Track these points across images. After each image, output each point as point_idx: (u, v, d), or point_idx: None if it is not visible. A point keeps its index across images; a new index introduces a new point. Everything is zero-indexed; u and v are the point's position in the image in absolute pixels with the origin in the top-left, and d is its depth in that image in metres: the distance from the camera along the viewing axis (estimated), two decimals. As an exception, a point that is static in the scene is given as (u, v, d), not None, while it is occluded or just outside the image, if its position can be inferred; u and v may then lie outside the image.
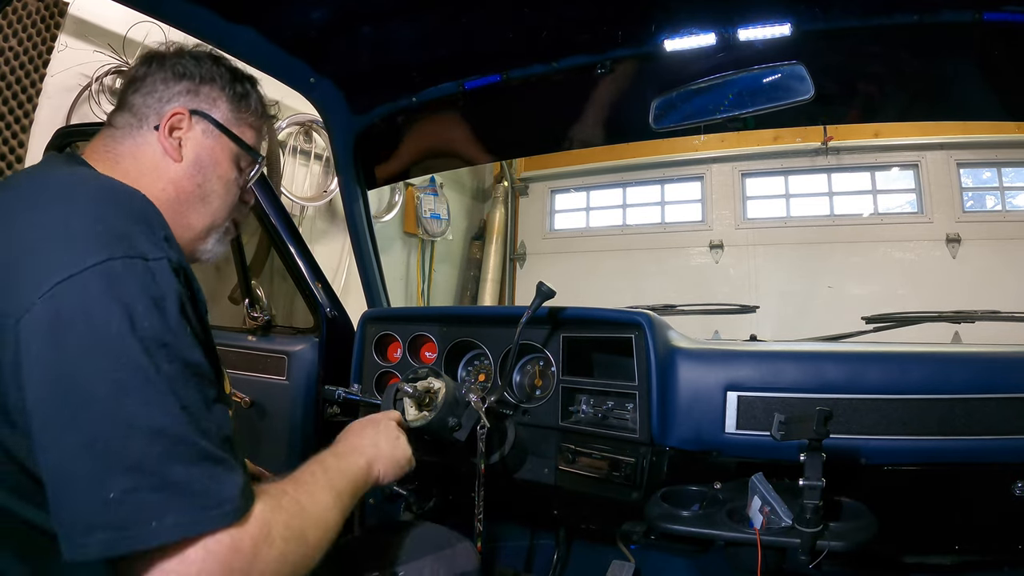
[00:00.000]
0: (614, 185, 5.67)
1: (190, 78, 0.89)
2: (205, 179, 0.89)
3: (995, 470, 1.11)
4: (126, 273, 0.62)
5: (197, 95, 0.89)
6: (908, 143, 4.56)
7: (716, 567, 1.58)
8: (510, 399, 1.43)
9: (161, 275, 0.65)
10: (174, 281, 0.66)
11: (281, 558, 0.65)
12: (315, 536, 0.71)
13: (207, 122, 0.89)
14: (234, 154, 0.92)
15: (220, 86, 0.91)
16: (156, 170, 0.86)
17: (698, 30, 1.43)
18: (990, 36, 1.29)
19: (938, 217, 4.47)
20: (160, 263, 0.65)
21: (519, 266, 5.91)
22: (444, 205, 5.28)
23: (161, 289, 0.64)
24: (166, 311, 0.63)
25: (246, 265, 1.86)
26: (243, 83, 0.94)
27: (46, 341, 0.59)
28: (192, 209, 0.89)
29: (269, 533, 0.64)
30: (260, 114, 0.96)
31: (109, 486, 0.57)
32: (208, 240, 0.93)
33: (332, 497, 0.78)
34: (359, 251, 1.97)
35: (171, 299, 0.64)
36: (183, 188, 0.87)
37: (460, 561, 1.16)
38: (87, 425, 0.57)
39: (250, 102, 0.94)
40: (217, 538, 0.59)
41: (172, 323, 0.64)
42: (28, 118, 2.55)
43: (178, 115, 0.87)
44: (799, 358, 1.23)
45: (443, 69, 1.67)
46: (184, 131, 0.87)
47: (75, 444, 0.57)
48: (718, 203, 5.18)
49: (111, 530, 0.56)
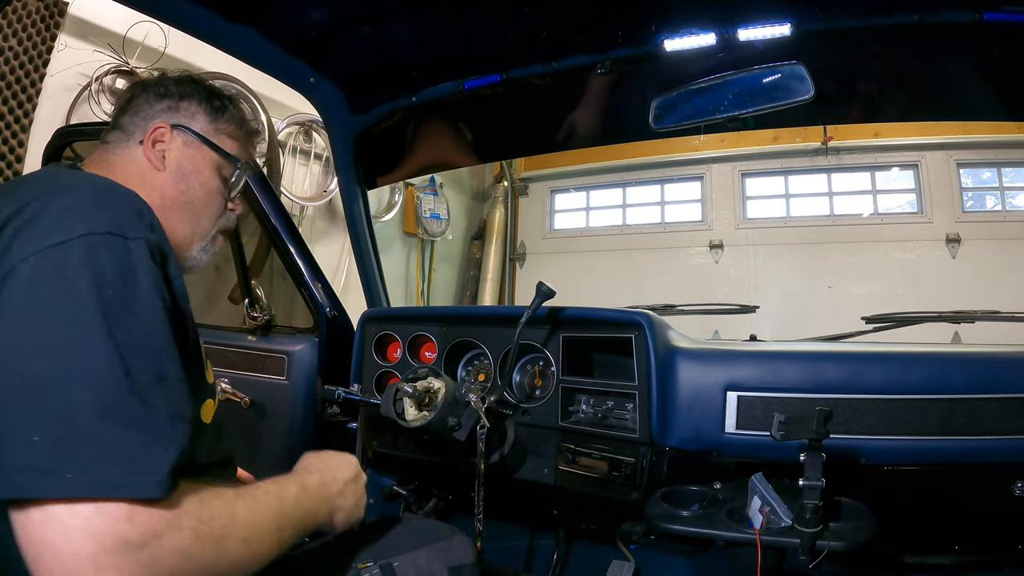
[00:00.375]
0: (614, 185, 5.67)
1: (171, 97, 0.98)
2: (188, 186, 0.96)
3: (995, 470, 1.11)
4: (104, 245, 0.67)
5: (177, 111, 0.97)
6: (908, 143, 4.56)
7: (716, 567, 1.58)
8: (510, 399, 1.43)
9: (137, 252, 0.69)
10: (148, 260, 0.70)
11: (186, 551, 0.62)
12: (235, 549, 0.68)
13: (187, 134, 0.97)
14: (215, 163, 0.99)
15: (198, 101, 0.99)
16: (143, 178, 0.93)
17: (698, 30, 1.42)
18: (990, 36, 1.29)
19: (938, 217, 4.47)
20: (138, 242, 0.70)
21: (519, 266, 5.91)
22: (444, 205, 5.28)
23: (133, 264, 0.68)
24: (135, 284, 0.67)
25: (246, 265, 1.86)
26: (220, 99, 1.01)
27: (20, 293, 0.63)
28: (176, 215, 0.95)
29: (179, 521, 0.62)
30: (239, 125, 1.03)
31: (38, 429, 0.59)
32: (192, 247, 0.99)
33: (275, 524, 0.76)
34: (359, 251, 1.97)
35: (142, 275, 0.69)
36: (167, 195, 0.94)
37: (456, 553, 1.17)
38: (34, 368, 0.60)
39: (227, 115, 1.01)
40: (118, 504, 0.59)
41: (138, 296, 0.67)
42: (28, 118, 2.55)
43: (160, 129, 0.95)
44: (799, 358, 1.23)
45: (443, 69, 1.67)
46: (167, 143, 0.95)
47: (18, 385, 0.60)
48: (718, 203, 5.18)
49: (30, 472, 0.58)
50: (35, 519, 0.58)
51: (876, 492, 1.13)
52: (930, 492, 1.18)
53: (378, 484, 1.74)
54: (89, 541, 0.57)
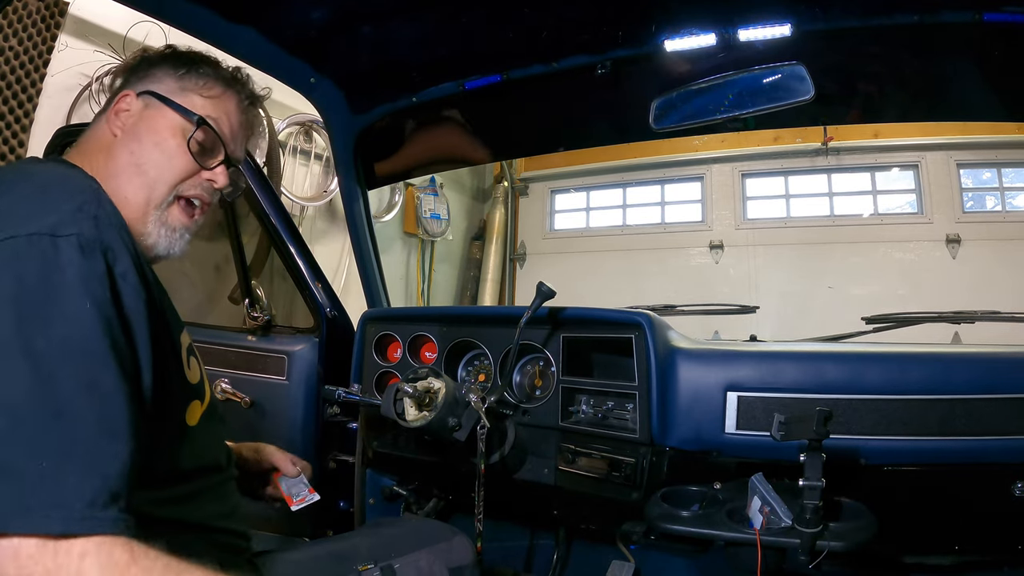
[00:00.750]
0: (614, 185, 5.67)
1: (142, 68, 0.92)
2: (140, 146, 0.86)
3: (995, 470, 1.11)
4: (27, 248, 0.62)
5: (144, 78, 0.91)
6: (908, 143, 4.56)
7: (716, 567, 1.58)
8: (510, 399, 1.43)
9: (66, 251, 0.64)
10: (79, 257, 0.64)
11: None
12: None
13: (150, 97, 0.89)
14: (177, 123, 0.88)
15: (168, 66, 0.91)
16: (100, 149, 0.87)
17: (698, 30, 1.42)
18: (990, 36, 1.29)
19: (938, 217, 4.47)
20: (68, 239, 0.64)
21: (519, 266, 5.91)
22: (444, 205, 5.28)
23: (60, 263, 0.63)
24: (60, 285, 0.62)
25: (246, 265, 1.86)
26: (191, 59, 0.93)
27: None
28: (128, 181, 0.85)
29: (111, 556, 0.54)
30: (214, 83, 0.92)
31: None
32: (147, 221, 0.86)
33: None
34: (359, 251, 1.97)
35: (69, 275, 0.63)
36: (119, 160, 0.85)
37: (456, 554, 1.17)
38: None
39: (199, 72, 0.92)
40: (13, 542, 0.52)
41: (63, 298, 0.62)
42: (28, 118, 2.54)
43: (126, 97, 0.89)
44: (799, 358, 1.23)
45: (443, 69, 1.67)
46: (130, 111, 0.88)
47: None
48: (718, 203, 5.18)
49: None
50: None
51: (876, 492, 1.13)
52: (930, 492, 1.18)
53: (378, 484, 1.74)
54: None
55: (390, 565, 1.07)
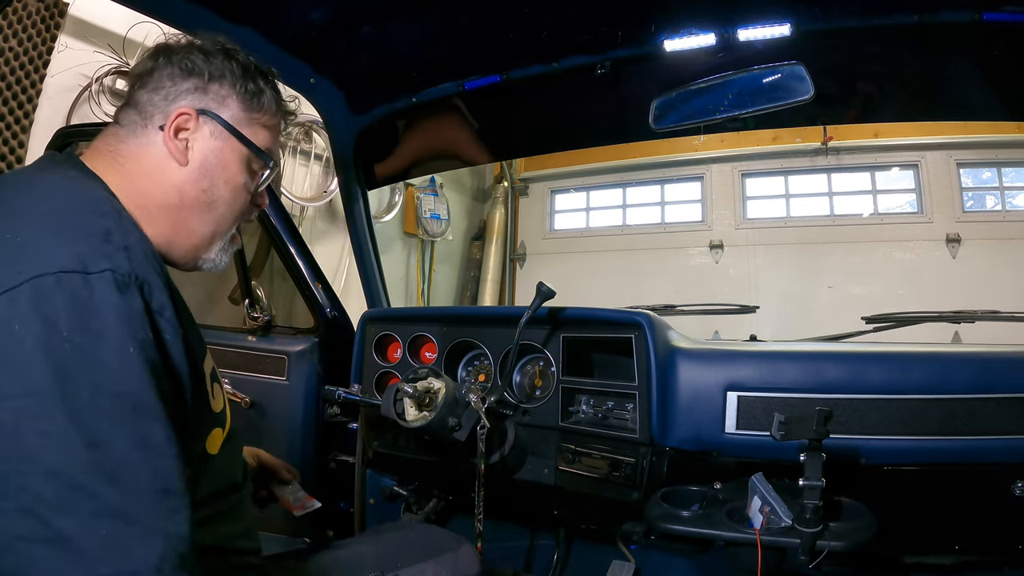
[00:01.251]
0: (614, 185, 5.67)
1: (199, 75, 0.82)
2: (212, 184, 0.82)
3: (995, 470, 1.11)
4: (56, 288, 0.56)
5: (206, 93, 0.82)
6: (908, 143, 4.55)
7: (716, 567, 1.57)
8: (510, 399, 1.43)
9: (101, 290, 0.58)
10: (116, 296, 0.59)
11: None
12: None
13: (215, 123, 0.82)
14: (244, 157, 0.85)
15: (231, 83, 0.83)
16: (160, 173, 0.80)
17: (698, 30, 1.43)
18: (990, 36, 1.29)
19: (938, 217, 4.47)
20: (103, 276, 0.59)
21: (519, 266, 5.91)
22: (444, 205, 5.28)
23: (96, 305, 0.57)
24: (100, 331, 0.57)
25: (246, 265, 1.86)
26: (256, 79, 0.86)
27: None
28: (196, 216, 0.82)
29: None
30: (274, 112, 0.88)
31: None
32: (212, 248, 0.86)
33: None
34: (359, 251, 1.97)
35: (109, 317, 0.58)
36: (187, 194, 0.81)
37: (462, 564, 1.16)
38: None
39: (263, 100, 0.86)
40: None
41: (105, 344, 0.57)
42: (28, 118, 2.55)
43: (184, 115, 0.80)
44: (799, 358, 1.23)
45: (443, 69, 1.67)
46: (191, 132, 0.81)
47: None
48: (718, 203, 5.18)
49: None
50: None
51: (876, 492, 1.13)
52: (930, 492, 1.18)
53: (378, 484, 1.74)
54: None
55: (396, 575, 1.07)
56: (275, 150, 0.90)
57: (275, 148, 0.90)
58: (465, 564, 1.16)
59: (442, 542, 1.20)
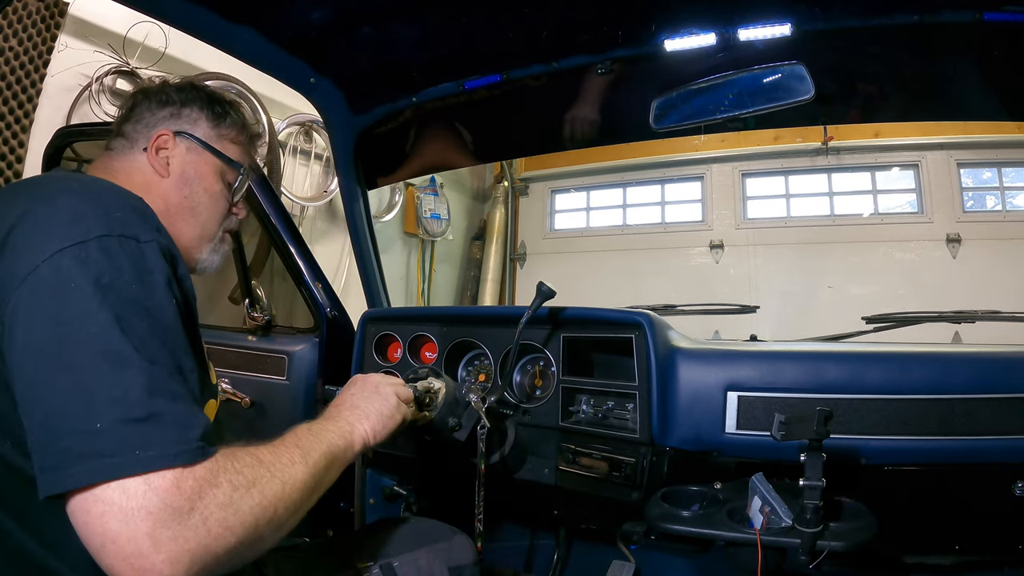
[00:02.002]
0: (614, 185, 5.67)
1: (172, 104, 1.00)
2: (192, 191, 0.98)
3: (995, 470, 1.11)
4: (120, 248, 0.70)
5: (179, 117, 0.99)
6: (908, 143, 4.55)
7: (716, 567, 1.58)
8: (510, 399, 1.43)
9: (150, 254, 0.73)
10: (161, 261, 0.74)
11: (227, 502, 0.64)
12: (272, 489, 0.70)
13: (190, 140, 0.99)
14: (218, 168, 1.01)
15: (199, 107, 1.01)
16: (147, 186, 0.94)
17: (698, 30, 1.42)
18: (990, 36, 1.29)
19: (938, 217, 4.47)
20: (150, 244, 0.73)
21: (519, 266, 5.90)
22: (444, 205, 5.28)
23: (149, 265, 0.72)
24: (152, 284, 0.71)
25: (246, 265, 1.86)
26: (221, 104, 1.03)
27: (46, 293, 0.65)
28: (182, 220, 0.97)
29: (217, 477, 0.65)
30: (240, 130, 1.05)
31: (98, 416, 0.61)
32: (202, 250, 1.01)
33: (299, 455, 0.78)
34: (359, 251, 1.97)
35: (157, 275, 0.72)
36: (172, 200, 0.96)
37: (456, 553, 1.17)
38: (77, 360, 0.63)
39: (228, 120, 1.03)
40: (164, 473, 0.61)
41: (155, 295, 0.71)
42: (28, 118, 2.55)
43: (163, 136, 0.96)
44: (799, 358, 1.23)
45: (443, 69, 1.67)
46: (170, 150, 0.97)
47: (65, 380, 0.62)
48: (718, 203, 5.18)
49: (99, 458, 0.59)
50: (94, 511, 0.59)
51: (876, 492, 1.13)
52: (930, 492, 1.18)
53: (378, 484, 1.74)
54: (146, 519, 0.59)
55: (390, 564, 1.08)
56: (245, 163, 1.06)
57: (245, 161, 1.06)
58: (459, 553, 1.18)
59: (436, 532, 1.21)
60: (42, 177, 0.90)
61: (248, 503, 0.67)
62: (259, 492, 0.69)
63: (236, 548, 0.65)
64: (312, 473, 0.78)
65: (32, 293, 0.66)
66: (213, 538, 0.62)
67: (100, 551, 0.59)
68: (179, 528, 0.60)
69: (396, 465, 1.67)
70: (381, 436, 0.97)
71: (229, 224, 1.06)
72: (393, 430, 1.00)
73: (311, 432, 0.85)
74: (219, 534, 0.63)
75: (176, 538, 0.59)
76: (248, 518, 0.66)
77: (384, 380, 1.05)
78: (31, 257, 0.67)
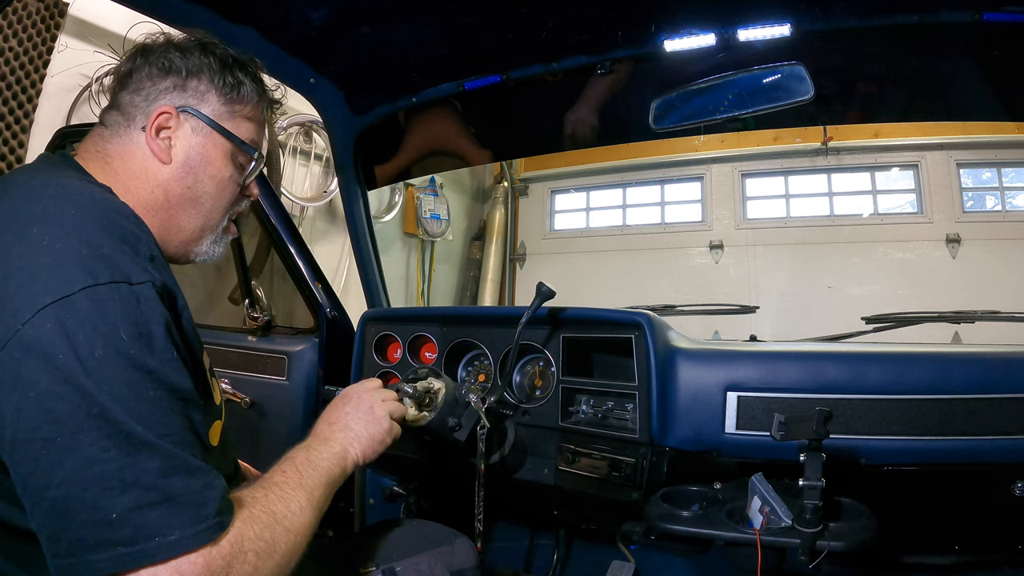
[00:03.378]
0: (614, 185, 5.67)
1: (176, 72, 0.83)
2: (196, 180, 0.84)
3: (995, 470, 1.11)
4: (111, 298, 0.62)
5: (184, 90, 0.83)
6: (908, 143, 4.55)
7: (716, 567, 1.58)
8: (510, 399, 1.43)
9: (145, 300, 0.65)
10: (158, 305, 0.66)
11: (254, 572, 0.65)
12: (288, 544, 0.70)
13: (196, 119, 0.84)
14: (228, 151, 0.87)
15: (209, 78, 0.85)
16: (145, 173, 0.82)
17: (698, 30, 1.42)
18: (990, 36, 1.29)
19: (938, 217, 4.47)
20: (144, 287, 0.65)
21: (519, 266, 5.91)
22: (444, 205, 5.28)
23: (144, 314, 0.64)
24: (150, 337, 0.64)
25: (246, 265, 1.86)
26: (235, 72, 0.87)
27: (32, 366, 0.59)
28: (183, 212, 0.85)
29: (242, 548, 0.64)
30: (256, 103, 0.89)
31: (111, 506, 0.57)
32: (203, 241, 0.89)
33: (304, 497, 0.77)
34: (359, 251, 1.97)
35: (155, 323, 0.65)
36: (173, 192, 0.83)
37: (458, 558, 1.17)
38: (80, 445, 0.58)
39: (243, 91, 0.87)
40: (191, 556, 0.59)
41: (156, 348, 0.64)
42: (28, 118, 2.54)
43: (165, 114, 0.82)
44: (799, 358, 1.23)
45: (443, 69, 1.67)
46: (172, 130, 0.83)
47: (70, 467, 0.57)
48: (718, 203, 5.18)
49: (117, 547, 0.57)
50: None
51: (876, 492, 1.13)
52: (930, 492, 1.18)
53: (378, 484, 1.74)
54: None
55: (391, 568, 1.07)
56: (260, 141, 0.92)
57: (260, 139, 0.92)
58: (461, 557, 1.17)
59: (438, 535, 1.21)
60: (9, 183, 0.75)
61: (269, 565, 0.67)
62: (279, 553, 0.69)
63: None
64: (317, 512, 0.78)
65: (17, 364, 0.59)
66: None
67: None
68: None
69: (396, 465, 1.67)
70: (370, 459, 0.95)
71: (237, 209, 0.93)
72: (381, 453, 0.97)
73: (310, 463, 0.83)
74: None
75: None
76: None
77: (379, 399, 1.00)
78: (8, 317, 0.60)
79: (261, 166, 0.93)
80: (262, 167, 0.94)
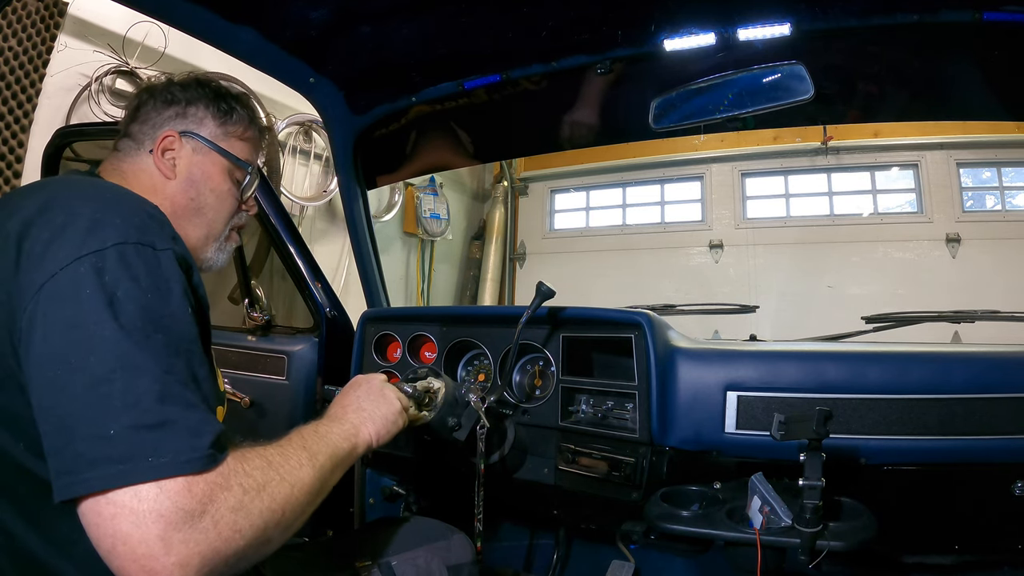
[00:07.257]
0: (614, 185, 5.67)
1: (177, 103, 0.99)
2: (198, 193, 0.98)
3: (995, 470, 1.11)
4: (136, 255, 0.71)
5: (185, 117, 0.98)
6: (908, 143, 4.55)
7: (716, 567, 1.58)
8: (510, 399, 1.43)
9: (166, 262, 0.73)
10: (177, 270, 0.74)
11: (239, 506, 0.65)
12: (281, 491, 0.71)
13: (196, 140, 0.98)
14: (225, 167, 1.01)
15: (205, 105, 1.00)
16: (154, 188, 0.95)
17: (698, 30, 1.42)
18: (990, 36, 1.29)
19: (938, 217, 4.47)
20: (167, 253, 0.74)
21: (519, 266, 5.91)
22: (444, 205, 5.28)
23: (165, 273, 0.72)
24: (167, 292, 0.71)
25: (246, 265, 1.86)
26: (227, 100, 1.02)
27: (63, 300, 0.66)
28: (188, 222, 0.97)
29: (228, 480, 0.66)
30: (248, 125, 1.03)
31: (110, 422, 0.62)
32: (208, 249, 1.02)
33: (306, 457, 0.79)
34: (359, 251, 1.97)
35: (173, 284, 0.73)
36: (178, 203, 0.96)
37: (455, 552, 1.18)
38: (92, 366, 0.63)
39: (235, 117, 1.02)
40: (176, 479, 0.62)
41: (170, 304, 0.71)
42: (28, 118, 2.55)
43: (169, 137, 0.96)
44: (799, 358, 1.23)
45: (443, 69, 1.67)
46: (176, 151, 0.97)
47: (80, 385, 0.63)
48: (718, 203, 5.18)
49: (111, 464, 0.60)
50: (106, 514, 0.60)
51: (876, 492, 1.13)
52: (930, 492, 1.18)
53: (378, 484, 1.74)
54: (157, 522, 0.59)
55: (388, 563, 1.08)
56: (253, 159, 1.06)
57: (253, 157, 1.06)
58: (458, 552, 1.18)
59: (435, 531, 1.22)
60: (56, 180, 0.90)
61: (258, 506, 0.68)
62: (268, 495, 0.69)
63: (245, 550, 0.65)
64: (319, 476, 0.79)
65: (50, 300, 0.66)
66: (223, 541, 0.63)
67: (111, 553, 0.60)
68: (190, 531, 0.60)
69: (396, 465, 1.67)
70: (384, 440, 0.99)
71: (238, 221, 1.06)
72: (395, 434, 1.01)
73: (317, 434, 0.86)
74: (229, 537, 0.63)
75: (187, 540, 0.60)
76: (257, 521, 0.67)
77: (387, 383, 1.06)
78: (49, 265, 0.68)
79: (256, 181, 1.06)
80: (257, 182, 1.06)
